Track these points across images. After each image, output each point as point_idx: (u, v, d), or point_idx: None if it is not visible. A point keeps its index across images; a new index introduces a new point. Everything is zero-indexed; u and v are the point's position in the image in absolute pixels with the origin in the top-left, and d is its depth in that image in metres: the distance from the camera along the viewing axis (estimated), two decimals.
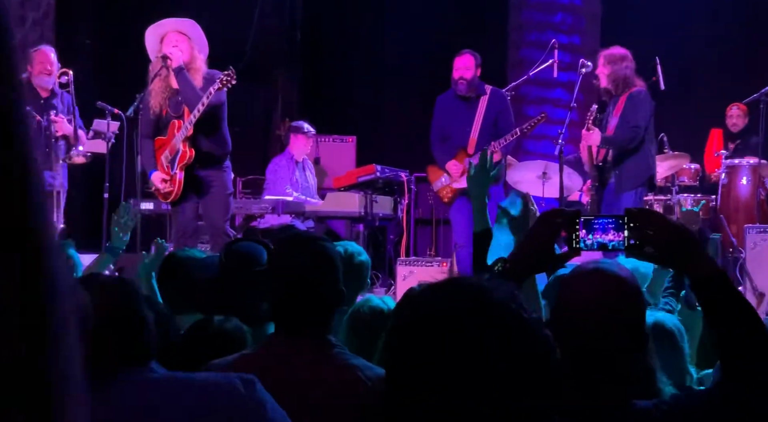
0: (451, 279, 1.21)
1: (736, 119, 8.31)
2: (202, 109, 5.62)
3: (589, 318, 1.63)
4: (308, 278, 2.12)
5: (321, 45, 10.50)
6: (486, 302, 1.15)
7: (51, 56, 6.82)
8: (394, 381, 1.17)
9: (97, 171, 7.22)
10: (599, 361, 1.64)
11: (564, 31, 9.38)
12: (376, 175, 7.77)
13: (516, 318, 1.15)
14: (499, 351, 1.12)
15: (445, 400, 1.11)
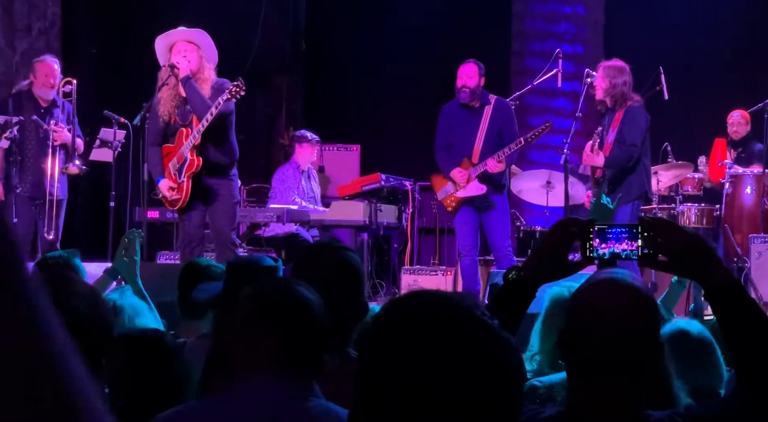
0: (413, 293, 1.23)
1: (737, 127, 8.26)
2: (211, 119, 5.63)
3: (604, 327, 1.64)
4: (331, 288, 2.05)
5: (325, 53, 10.53)
6: (451, 311, 1.17)
7: (54, 68, 6.83)
8: (365, 394, 1.18)
9: (103, 180, 7.25)
10: (614, 371, 1.64)
11: (567, 40, 9.41)
12: (381, 184, 7.79)
13: (482, 326, 1.17)
14: (469, 359, 1.14)
15: (417, 410, 1.13)
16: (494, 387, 1.14)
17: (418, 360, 1.13)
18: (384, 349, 1.16)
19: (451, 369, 1.13)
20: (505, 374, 1.16)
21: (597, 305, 1.66)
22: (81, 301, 1.59)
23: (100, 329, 1.60)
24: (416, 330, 1.15)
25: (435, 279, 7.28)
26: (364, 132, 9.82)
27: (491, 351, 1.16)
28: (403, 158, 9.08)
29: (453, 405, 1.12)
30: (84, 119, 7.09)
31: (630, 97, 6.26)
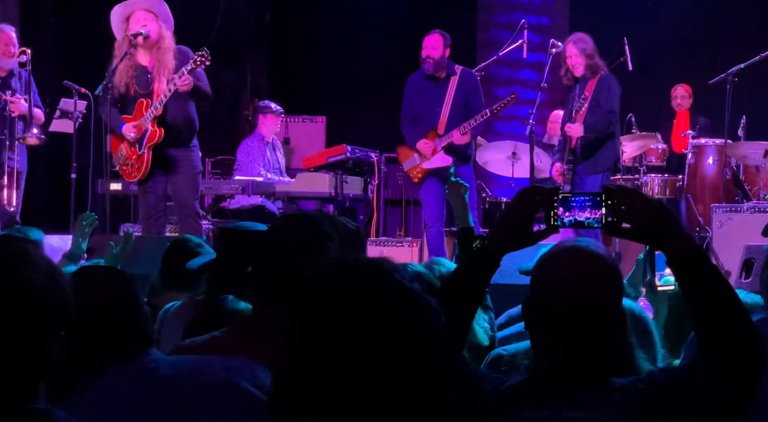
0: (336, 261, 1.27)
1: (680, 100, 8.41)
2: (174, 89, 5.56)
3: (568, 295, 1.65)
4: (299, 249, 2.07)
5: (290, 25, 10.43)
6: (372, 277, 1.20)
7: (12, 36, 6.69)
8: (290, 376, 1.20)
9: (64, 151, 7.14)
10: (577, 339, 1.65)
11: (533, 11, 9.40)
12: (347, 155, 7.76)
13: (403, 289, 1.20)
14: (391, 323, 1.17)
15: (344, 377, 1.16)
16: (418, 350, 1.16)
17: (341, 326, 1.16)
18: (308, 317, 1.19)
19: (374, 333, 1.15)
20: (427, 336, 1.18)
21: (560, 273, 1.67)
22: (40, 273, 1.57)
23: (60, 303, 1.58)
24: (338, 296, 1.18)
25: (401, 251, 7.29)
26: (329, 104, 9.76)
27: (413, 314, 1.18)
28: (368, 129, 9.04)
29: (377, 370, 1.15)
30: (44, 90, 6.96)
31: (600, 65, 6.33)
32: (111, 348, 1.89)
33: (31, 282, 1.53)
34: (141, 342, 1.93)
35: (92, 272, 2.04)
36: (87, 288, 1.93)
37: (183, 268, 3.11)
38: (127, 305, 1.94)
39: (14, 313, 1.50)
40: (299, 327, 1.20)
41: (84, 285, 1.93)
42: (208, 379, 1.83)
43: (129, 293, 1.97)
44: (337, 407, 1.15)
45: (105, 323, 1.89)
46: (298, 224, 2.18)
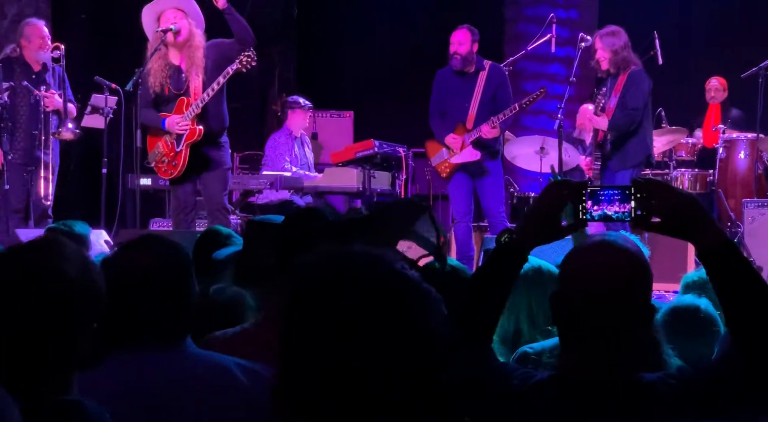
0: (335, 251, 1.23)
1: (714, 93, 8.29)
2: (217, 88, 5.61)
3: (596, 290, 1.64)
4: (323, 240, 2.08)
5: (318, 20, 10.44)
6: (372, 267, 1.19)
7: (44, 30, 6.77)
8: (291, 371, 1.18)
9: (95, 146, 7.21)
10: (606, 334, 1.64)
11: (561, 5, 9.34)
12: (374, 150, 7.76)
13: (403, 278, 1.19)
14: (391, 312, 1.15)
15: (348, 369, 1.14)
16: (418, 344, 1.15)
17: (337, 322, 1.14)
18: (302, 313, 1.17)
19: (373, 327, 1.14)
20: (427, 329, 1.17)
21: (589, 268, 1.66)
22: (73, 265, 1.59)
23: (92, 295, 1.60)
24: (337, 287, 1.16)
25: None
26: (357, 99, 9.77)
27: (412, 303, 1.17)
28: (396, 124, 9.04)
29: (377, 366, 1.13)
30: (74, 86, 7.03)
31: (632, 60, 6.27)
32: (154, 327, 1.84)
33: (65, 274, 1.55)
34: (183, 329, 1.89)
35: (156, 241, 1.97)
36: (144, 256, 1.90)
37: (210, 258, 3.13)
38: (180, 283, 1.89)
39: (48, 305, 1.52)
40: (293, 324, 1.18)
41: (143, 253, 1.90)
42: (234, 395, 1.80)
43: (185, 271, 1.92)
44: (336, 406, 1.14)
45: (152, 298, 1.85)
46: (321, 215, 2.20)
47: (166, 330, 1.86)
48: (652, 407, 1.60)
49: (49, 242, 1.65)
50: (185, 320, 1.90)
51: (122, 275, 1.85)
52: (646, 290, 1.70)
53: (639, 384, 1.63)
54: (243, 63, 5.53)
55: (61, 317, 1.53)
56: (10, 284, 1.52)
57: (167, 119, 5.77)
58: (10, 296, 1.51)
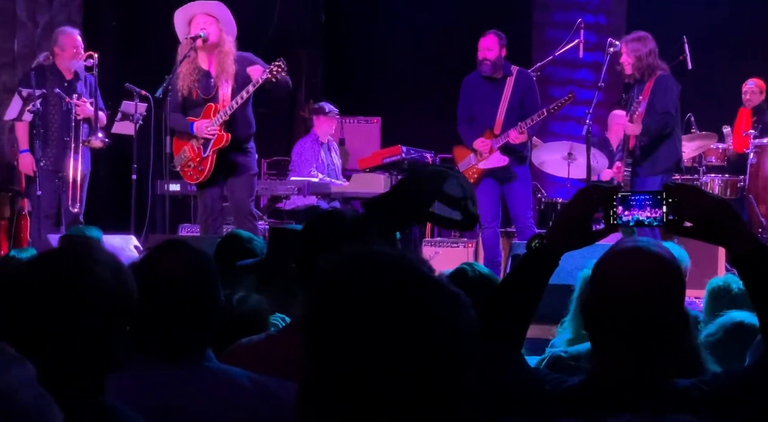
0: (359, 254, 1.21)
1: (750, 95, 8.16)
2: (246, 96, 5.65)
3: (629, 296, 1.63)
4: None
5: (345, 25, 10.47)
6: (397, 271, 1.17)
7: (77, 39, 6.84)
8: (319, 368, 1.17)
9: (125, 153, 7.27)
10: (638, 339, 1.63)
11: (589, 10, 9.31)
12: (402, 156, 7.77)
13: (430, 282, 1.17)
14: (418, 315, 1.14)
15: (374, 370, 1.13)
16: (445, 341, 1.14)
17: (365, 320, 1.13)
18: (329, 316, 1.15)
19: (401, 326, 1.12)
20: (455, 328, 1.15)
21: (621, 273, 1.65)
22: (106, 269, 1.60)
23: (125, 299, 1.61)
24: (364, 291, 1.15)
25: (456, 251, 7.28)
26: (384, 104, 9.78)
27: (440, 306, 1.15)
28: (423, 130, 9.04)
29: (405, 362, 1.12)
30: (105, 92, 7.10)
31: (658, 65, 6.23)
32: (174, 336, 1.81)
33: (99, 279, 1.57)
34: (204, 340, 1.86)
35: (181, 246, 1.93)
36: (169, 261, 1.86)
37: (232, 263, 3.13)
38: (205, 291, 1.85)
39: (81, 308, 1.53)
40: (317, 329, 1.17)
41: (168, 257, 1.88)
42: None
43: (211, 279, 1.88)
44: (362, 409, 1.13)
45: (175, 305, 1.81)
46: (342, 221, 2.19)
47: (187, 340, 1.82)
48: (683, 413, 1.59)
49: (82, 246, 1.67)
50: (208, 331, 1.86)
51: (145, 280, 1.80)
52: (679, 296, 1.69)
53: (671, 389, 1.62)
54: (273, 73, 5.57)
55: (94, 320, 1.54)
56: (44, 289, 1.53)
57: (196, 123, 5.81)
58: (44, 301, 1.52)
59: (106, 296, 1.56)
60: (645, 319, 1.63)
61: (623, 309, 1.63)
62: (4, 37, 7.82)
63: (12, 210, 7.55)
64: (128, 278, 1.63)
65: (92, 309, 1.54)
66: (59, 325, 1.51)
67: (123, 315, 1.60)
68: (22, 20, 7.91)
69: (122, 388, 1.71)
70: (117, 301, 1.58)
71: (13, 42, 7.87)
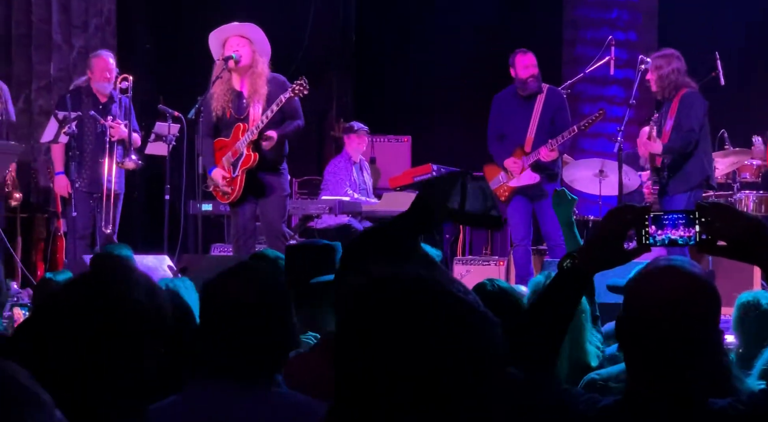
0: (388, 275, 1.21)
1: None
2: (271, 116, 5.71)
3: (663, 314, 1.62)
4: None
5: (375, 45, 10.53)
6: (427, 291, 1.17)
7: (110, 62, 6.94)
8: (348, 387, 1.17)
9: (158, 173, 7.35)
10: (673, 359, 1.62)
11: (620, 27, 9.29)
12: (433, 174, 7.78)
13: (459, 302, 1.18)
14: (447, 334, 1.14)
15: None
16: (472, 361, 1.14)
17: (396, 340, 1.13)
18: (362, 334, 1.16)
19: (430, 347, 1.13)
20: (482, 348, 1.16)
21: (656, 292, 1.64)
22: (140, 291, 1.61)
23: (160, 320, 1.62)
24: (393, 311, 1.15)
25: (487, 269, 7.26)
26: (414, 123, 9.81)
27: (468, 326, 1.16)
28: (454, 148, 9.05)
29: (435, 383, 1.12)
30: (139, 114, 7.19)
31: (684, 83, 6.20)
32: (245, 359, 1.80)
33: (133, 300, 1.58)
34: (275, 364, 1.83)
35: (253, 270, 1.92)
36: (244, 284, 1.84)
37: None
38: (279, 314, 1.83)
39: (118, 331, 1.53)
40: (343, 346, 1.18)
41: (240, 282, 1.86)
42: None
43: (285, 302, 1.87)
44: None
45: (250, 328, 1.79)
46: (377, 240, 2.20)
47: (258, 364, 1.82)
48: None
49: (117, 269, 1.68)
50: (279, 355, 1.85)
51: (217, 302, 1.80)
52: (714, 315, 1.67)
53: (708, 409, 1.61)
54: (296, 91, 5.63)
55: (131, 342, 1.54)
56: (80, 312, 1.53)
57: (215, 169, 5.88)
58: (80, 324, 1.52)
59: (141, 318, 1.56)
60: (680, 338, 1.62)
61: (657, 329, 1.62)
62: (40, 60, 7.95)
63: (48, 231, 7.66)
64: (163, 300, 1.64)
65: (128, 331, 1.54)
66: (94, 348, 1.51)
67: (158, 337, 1.61)
68: (58, 44, 8.04)
69: (191, 409, 1.71)
70: (152, 322, 1.58)
71: (49, 65, 8.01)
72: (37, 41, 7.97)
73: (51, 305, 1.56)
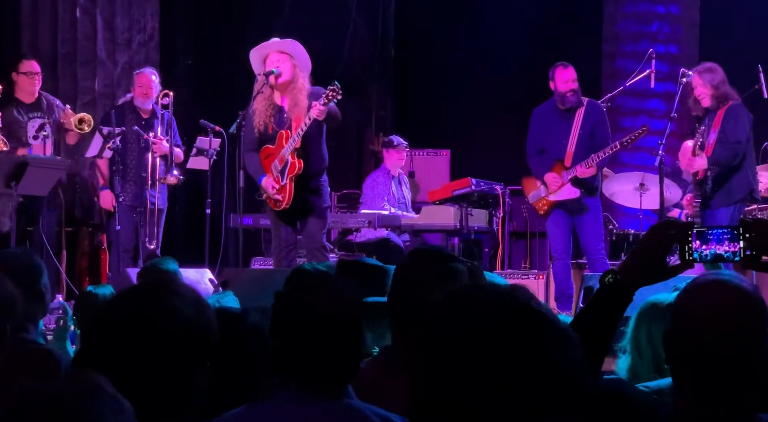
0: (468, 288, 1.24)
1: None
2: (309, 122, 5.74)
3: (711, 329, 1.62)
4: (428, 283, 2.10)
5: (414, 59, 10.57)
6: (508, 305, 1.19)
7: (152, 79, 7.05)
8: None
9: (200, 187, 7.43)
10: (721, 374, 1.62)
11: (661, 40, 9.24)
12: (471, 188, 7.78)
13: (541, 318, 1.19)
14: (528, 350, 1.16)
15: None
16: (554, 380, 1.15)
17: (477, 353, 1.15)
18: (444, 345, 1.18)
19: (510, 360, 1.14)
20: (563, 364, 1.17)
21: (704, 307, 1.64)
22: (188, 305, 1.62)
23: (206, 332, 1.63)
24: (474, 325, 1.17)
25: (527, 283, 7.24)
26: (453, 137, 9.82)
27: (548, 341, 1.17)
28: (493, 162, 9.04)
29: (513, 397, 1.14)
30: (181, 129, 7.28)
31: (729, 95, 6.16)
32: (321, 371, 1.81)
33: (180, 313, 1.57)
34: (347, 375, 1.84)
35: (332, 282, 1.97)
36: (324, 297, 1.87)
37: None
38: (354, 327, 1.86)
39: (164, 343, 1.53)
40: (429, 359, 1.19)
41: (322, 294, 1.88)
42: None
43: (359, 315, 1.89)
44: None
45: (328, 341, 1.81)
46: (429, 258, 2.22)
47: (333, 375, 1.84)
48: None
49: (164, 282, 1.69)
50: (352, 366, 1.88)
51: (298, 314, 1.83)
52: (763, 329, 1.66)
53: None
54: (329, 97, 5.67)
55: (178, 355, 1.54)
56: (128, 327, 1.53)
57: (264, 178, 5.93)
58: (129, 339, 1.52)
59: (190, 333, 1.56)
60: (728, 353, 1.61)
61: (705, 344, 1.62)
62: (85, 76, 8.10)
63: (92, 245, 7.78)
64: (209, 312, 1.65)
65: (173, 343, 1.54)
66: (142, 364, 1.51)
67: (204, 350, 1.62)
68: (102, 60, 8.18)
69: (265, 419, 1.72)
70: (200, 337, 1.59)
71: (94, 81, 8.15)
72: (82, 58, 8.11)
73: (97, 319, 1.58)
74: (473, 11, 10.18)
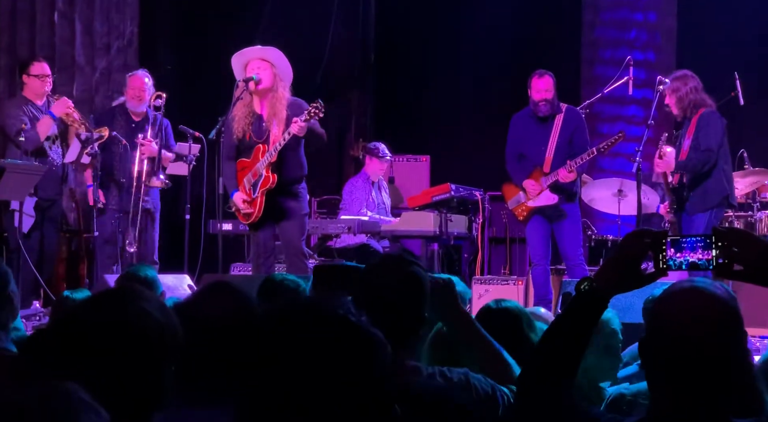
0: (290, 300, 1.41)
1: None
2: (288, 138, 5.75)
3: (687, 335, 1.64)
4: (395, 300, 2.15)
5: (394, 65, 10.59)
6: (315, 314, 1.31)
7: (145, 81, 6.97)
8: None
9: (179, 193, 7.41)
10: (696, 378, 1.64)
11: (638, 47, 9.31)
12: (451, 194, 7.80)
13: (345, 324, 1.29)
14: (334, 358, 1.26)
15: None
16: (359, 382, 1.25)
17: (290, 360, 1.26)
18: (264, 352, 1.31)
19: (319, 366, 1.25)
20: (370, 368, 1.27)
21: (678, 312, 1.66)
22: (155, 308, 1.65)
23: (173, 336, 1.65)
24: (283, 333, 1.29)
25: (506, 289, 7.26)
26: (433, 143, 9.84)
27: (356, 348, 1.27)
28: (472, 168, 9.07)
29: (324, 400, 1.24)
30: None
31: (702, 101, 6.20)
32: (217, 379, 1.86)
33: (152, 318, 1.61)
34: None
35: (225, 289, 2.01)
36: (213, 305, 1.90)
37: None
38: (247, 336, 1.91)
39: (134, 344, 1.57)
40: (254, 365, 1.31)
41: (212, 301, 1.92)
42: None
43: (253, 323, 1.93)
44: None
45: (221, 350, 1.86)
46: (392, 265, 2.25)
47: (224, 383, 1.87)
48: None
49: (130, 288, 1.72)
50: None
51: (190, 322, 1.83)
52: (738, 335, 1.68)
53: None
54: (311, 114, 5.68)
55: (147, 356, 1.58)
56: (100, 329, 1.57)
57: (236, 192, 5.94)
58: (100, 341, 1.55)
59: (160, 335, 1.60)
60: (702, 359, 1.63)
61: (680, 349, 1.64)
62: (63, 81, 8.05)
63: (69, 250, 7.73)
64: (174, 318, 1.68)
65: (142, 345, 1.58)
66: (113, 364, 1.55)
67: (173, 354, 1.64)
68: (81, 65, 8.15)
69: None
70: (166, 337, 1.61)
71: (72, 86, 8.10)
72: (61, 63, 8.07)
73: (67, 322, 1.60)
74: (453, 18, 10.22)
